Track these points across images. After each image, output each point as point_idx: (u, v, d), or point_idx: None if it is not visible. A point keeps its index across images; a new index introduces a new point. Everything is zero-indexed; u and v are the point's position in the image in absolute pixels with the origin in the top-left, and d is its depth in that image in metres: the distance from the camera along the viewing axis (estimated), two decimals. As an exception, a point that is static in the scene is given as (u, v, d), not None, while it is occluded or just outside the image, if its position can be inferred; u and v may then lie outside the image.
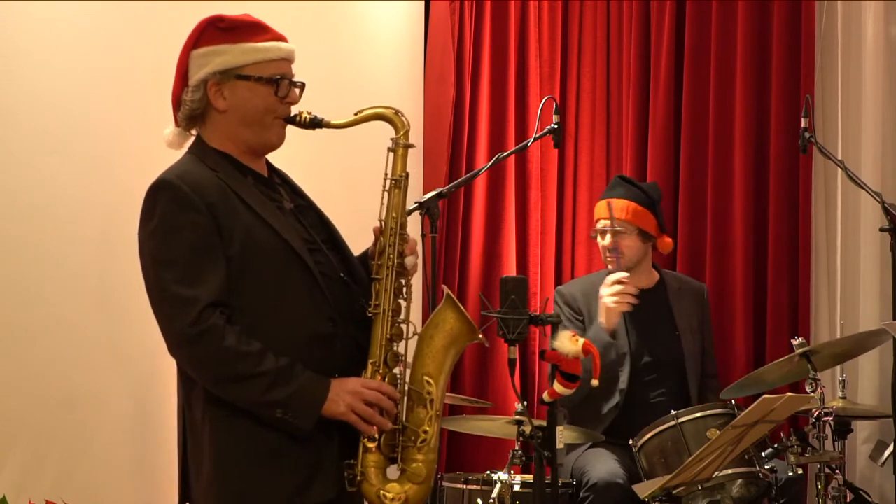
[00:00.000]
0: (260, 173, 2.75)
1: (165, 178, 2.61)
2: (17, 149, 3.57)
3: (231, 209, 2.60)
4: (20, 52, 3.58)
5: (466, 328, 2.68)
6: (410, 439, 2.63)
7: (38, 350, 3.59)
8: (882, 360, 4.68)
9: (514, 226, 5.38)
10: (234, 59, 2.67)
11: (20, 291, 3.56)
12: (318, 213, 2.83)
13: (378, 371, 2.64)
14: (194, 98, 2.69)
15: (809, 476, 4.30)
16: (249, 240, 2.59)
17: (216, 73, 2.67)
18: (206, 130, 2.73)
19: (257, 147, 2.75)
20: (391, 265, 2.69)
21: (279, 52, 2.72)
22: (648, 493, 3.68)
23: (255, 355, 2.53)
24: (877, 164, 4.88)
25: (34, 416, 3.57)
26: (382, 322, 2.66)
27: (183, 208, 2.56)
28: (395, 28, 5.20)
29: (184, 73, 2.71)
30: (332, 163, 4.49)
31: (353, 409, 2.57)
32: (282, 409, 2.54)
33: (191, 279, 2.53)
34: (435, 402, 2.64)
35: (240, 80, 2.67)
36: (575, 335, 2.78)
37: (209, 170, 2.64)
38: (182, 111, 2.72)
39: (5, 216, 3.53)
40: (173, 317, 2.55)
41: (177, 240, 2.56)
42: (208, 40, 2.69)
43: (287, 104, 2.72)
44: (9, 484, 3.43)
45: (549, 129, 4.32)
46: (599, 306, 4.36)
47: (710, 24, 5.20)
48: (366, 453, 2.61)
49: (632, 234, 4.51)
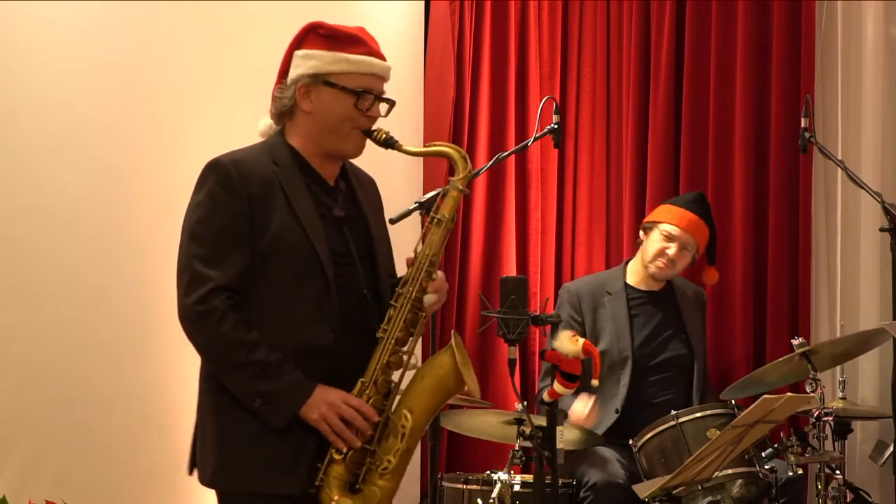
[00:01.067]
0: (322, 177, 2.82)
1: (220, 160, 2.73)
2: (17, 149, 3.57)
3: (271, 205, 2.70)
4: (20, 52, 3.59)
5: (455, 379, 2.72)
6: (375, 464, 2.70)
7: (38, 350, 3.59)
8: (882, 360, 4.68)
9: (514, 226, 5.38)
10: (326, 66, 2.77)
11: (20, 291, 3.56)
12: (368, 226, 2.88)
13: (366, 391, 2.70)
14: (284, 95, 2.80)
15: (809, 476, 4.29)
16: (278, 237, 2.68)
17: (306, 76, 2.77)
18: (291, 127, 2.83)
19: (332, 153, 2.83)
20: (409, 297, 2.74)
21: (370, 66, 2.80)
22: (648, 493, 3.68)
23: (247, 344, 2.62)
24: (877, 164, 4.88)
25: (34, 416, 3.57)
26: (384, 346, 2.72)
27: (227, 193, 2.68)
28: (395, 28, 5.20)
29: (284, 71, 2.83)
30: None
31: (325, 419, 2.64)
32: (261, 401, 2.63)
33: (212, 260, 2.65)
34: (407, 436, 2.70)
35: (326, 87, 2.77)
36: (575, 335, 2.78)
37: (271, 162, 2.75)
38: (274, 106, 2.83)
39: (5, 216, 3.53)
40: (186, 290, 2.66)
41: (213, 219, 2.68)
42: (309, 43, 2.81)
43: (369, 117, 2.80)
44: (9, 484, 3.43)
45: (549, 129, 4.32)
46: (571, 412, 4.31)
47: (710, 24, 5.20)
48: (331, 463, 2.68)
49: (691, 254, 4.56)
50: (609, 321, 4.53)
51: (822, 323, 4.96)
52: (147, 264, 3.88)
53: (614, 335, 4.49)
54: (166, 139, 4.01)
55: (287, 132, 2.83)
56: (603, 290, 4.58)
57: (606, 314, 4.54)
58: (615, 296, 4.58)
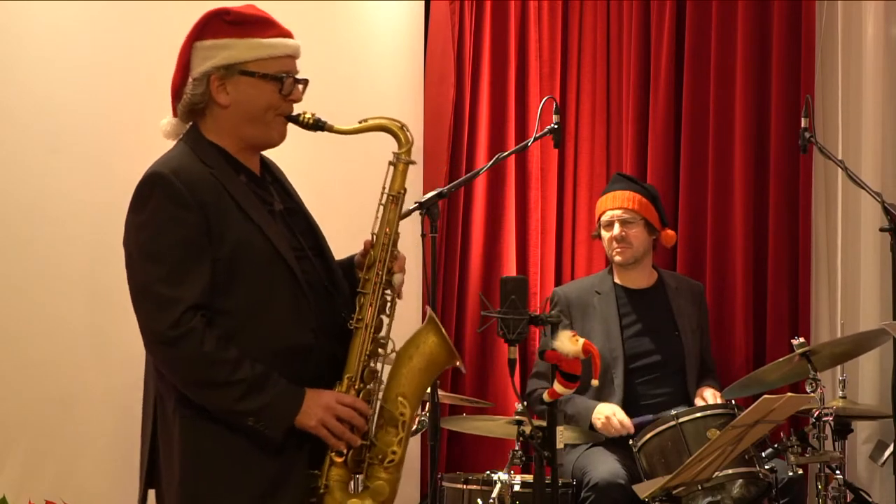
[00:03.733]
0: (253, 171, 2.71)
1: (160, 172, 2.56)
2: (17, 149, 3.57)
3: (223, 211, 2.56)
4: (20, 52, 3.59)
5: (446, 353, 2.67)
6: (377, 457, 2.62)
7: (37, 350, 3.59)
8: (882, 360, 4.68)
9: (514, 226, 5.38)
10: (239, 55, 2.62)
11: (19, 291, 3.56)
12: (307, 215, 2.80)
13: (353, 386, 2.61)
14: (196, 91, 2.64)
15: (809, 476, 4.30)
16: (240, 244, 2.56)
17: (220, 68, 2.62)
18: (205, 123, 2.68)
19: (258, 144, 2.71)
20: (378, 281, 2.66)
21: (286, 48, 2.67)
22: (648, 493, 3.68)
23: (231, 363, 2.50)
24: (877, 164, 4.88)
25: (34, 416, 3.57)
26: (363, 337, 2.63)
27: (176, 205, 2.52)
28: (395, 28, 5.20)
29: (185, 64, 2.66)
30: (331, 166, 4.49)
31: (324, 424, 2.55)
32: (254, 418, 2.51)
33: (176, 279, 2.50)
34: (407, 423, 2.63)
35: (244, 76, 2.63)
36: (575, 335, 2.78)
37: (203, 165, 2.60)
38: (182, 103, 2.67)
39: (4, 216, 3.53)
40: (154, 316, 2.51)
41: (166, 236, 2.52)
42: (214, 33, 2.65)
43: (290, 102, 2.68)
44: (9, 484, 3.43)
45: (549, 129, 4.32)
46: (597, 420, 4.32)
47: (710, 24, 5.20)
48: (332, 467, 2.58)
49: (639, 224, 4.56)
50: (599, 321, 4.53)
51: (822, 323, 4.96)
52: (147, 264, 3.87)
53: (605, 335, 4.49)
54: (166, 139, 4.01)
55: (203, 129, 2.67)
56: (592, 291, 4.59)
57: (596, 314, 4.55)
58: (604, 296, 4.58)
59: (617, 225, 4.55)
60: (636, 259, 4.57)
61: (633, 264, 4.58)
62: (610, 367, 4.44)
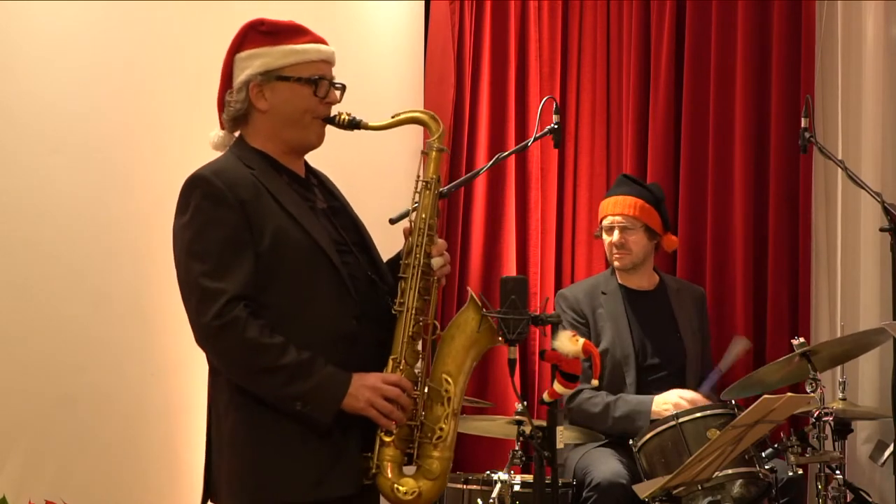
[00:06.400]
0: (296, 173, 2.82)
1: (201, 174, 2.68)
2: (17, 149, 3.57)
3: (263, 207, 2.66)
4: (20, 52, 3.58)
5: (488, 332, 2.72)
6: (427, 436, 2.70)
7: (37, 350, 3.59)
8: (882, 361, 4.68)
9: (514, 226, 5.38)
10: (275, 61, 2.75)
11: (20, 291, 3.56)
12: (351, 215, 2.90)
13: (399, 367, 2.70)
14: (237, 99, 2.76)
15: (809, 476, 4.30)
16: (279, 237, 2.65)
17: (257, 75, 2.75)
18: (249, 131, 2.80)
19: (297, 146, 2.82)
20: (417, 264, 2.75)
21: (319, 53, 2.80)
22: (648, 493, 3.68)
23: (276, 347, 2.58)
24: (877, 164, 4.88)
25: (34, 416, 3.57)
26: (406, 320, 2.72)
27: (216, 204, 2.63)
28: (395, 28, 5.20)
29: (228, 76, 2.80)
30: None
31: (371, 404, 2.63)
32: (301, 402, 2.59)
33: (219, 273, 2.59)
34: (452, 399, 2.70)
35: (280, 81, 2.75)
36: (575, 335, 2.77)
37: (245, 167, 2.71)
38: (226, 113, 2.80)
39: (5, 216, 3.53)
40: (199, 310, 2.60)
41: (208, 234, 2.62)
42: (250, 43, 2.78)
43: (327, 104, 2.79)
44: (9, 484, 3.43)
45: (549, 129, 4.32)
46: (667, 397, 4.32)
47: (710, 24, 5.21)
48: (382, 447, 2.66)
49: (639, 231, 4.55)
50: (608, 320, 4.53)
51: (822, 323, 4.96)
52: (146, 264, 3.87)
53: (615, 333, 4.49)
54: (166, 139, 4.01)
55: (247, 137, 2.80)
56: (598, 291, 4.58)
57: (604, 314, 4.54)
58: (611, 295, 4.58)
59: (617, 231, 4.54)
60: (635, 265, 4.56)
61: (633, 269, 4.58)
62: (622, 365, 4.43)
